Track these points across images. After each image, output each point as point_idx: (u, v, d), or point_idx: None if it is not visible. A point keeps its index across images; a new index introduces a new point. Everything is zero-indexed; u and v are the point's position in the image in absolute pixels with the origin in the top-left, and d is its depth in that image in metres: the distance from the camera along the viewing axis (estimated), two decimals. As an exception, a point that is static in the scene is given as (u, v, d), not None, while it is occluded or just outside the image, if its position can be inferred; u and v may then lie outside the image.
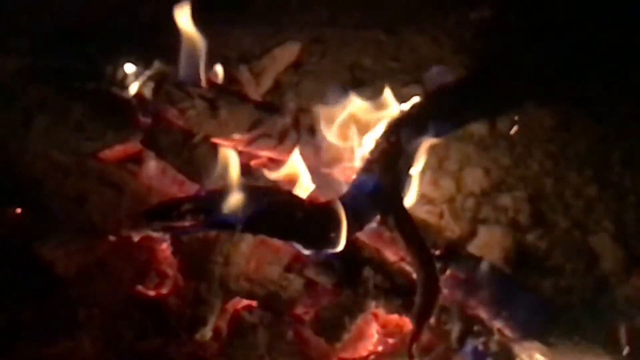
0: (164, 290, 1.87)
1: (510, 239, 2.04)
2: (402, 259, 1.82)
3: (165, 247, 1.90)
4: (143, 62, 2.08)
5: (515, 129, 2.33)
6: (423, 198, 2.05)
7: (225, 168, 1.70)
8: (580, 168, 2.25)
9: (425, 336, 1.73)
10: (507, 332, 1.77)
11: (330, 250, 1.69)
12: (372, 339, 1.85)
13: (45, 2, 2.41)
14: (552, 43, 2.56)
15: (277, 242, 1.81)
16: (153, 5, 2.54)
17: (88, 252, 1.86)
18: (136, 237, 1.88)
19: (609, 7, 2.67)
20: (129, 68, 2.07)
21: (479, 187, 2.17)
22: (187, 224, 1.75)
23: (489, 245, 2.01)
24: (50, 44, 2.26)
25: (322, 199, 1.84)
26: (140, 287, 1.86)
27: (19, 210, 1.92)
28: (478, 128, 2.31)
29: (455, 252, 1.86)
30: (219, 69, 2.12)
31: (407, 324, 1.81)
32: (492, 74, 2.30)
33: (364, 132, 1.96)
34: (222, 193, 1.66)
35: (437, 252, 1.80)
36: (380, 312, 1.84)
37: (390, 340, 1.85)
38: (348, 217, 1.65)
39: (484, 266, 1.80)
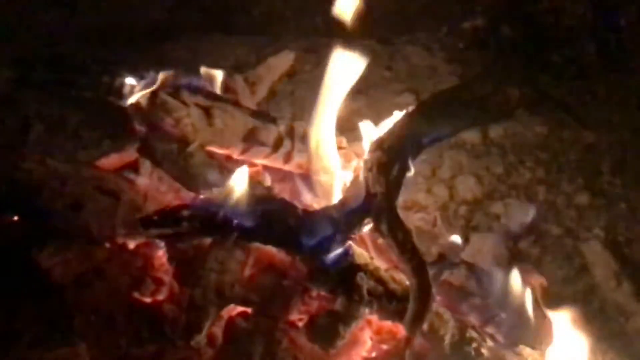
0: (160, 297, 1.88)
1: (502, 246, 2.05)
2: (395, 266, 1.83)
3: (161, 255, 1.91)
4: (139, 71, 2.09)
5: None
6: (416, 205, 2.06)
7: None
8: (572, 176, 2.26)
9: (418, 342, 1.74)
10: (499, 338, 1.79)
11: (324, 257, 1.70)
12: (366, 345, 1.85)
13: (41, 11, 2.42)
14: (543, 52, 2.57)
15: (271, 249, 1.82)
16: (150, 15, 2.55)
17: (85, 259, 1.86)
18: (132, 245, 1.89)
19: (601, 16, 2.69)
20: (125, 77, 2.08)
21: (471, 195, 2.18)
22: (182, 231, 1.78)
23: (481, 252, 2.02)
24: (47, 52, 2.26)
25: (315, 206, 1.86)
26: (136, 294, 1.87)
27: (16, 218, 1.92)
28: (470, 136, 2.32)
29: (447, 259, 1.87)
30: (214, 77, 2.14)
31: (401, 330, 1.81)
32: (484, 83, 2.31)
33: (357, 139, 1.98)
34: (217, 201, 1.68)
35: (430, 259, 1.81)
36: (374, 318, 1.84)
37: (384, 346, 1.85)
38: (341, 225, 1.66)
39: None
